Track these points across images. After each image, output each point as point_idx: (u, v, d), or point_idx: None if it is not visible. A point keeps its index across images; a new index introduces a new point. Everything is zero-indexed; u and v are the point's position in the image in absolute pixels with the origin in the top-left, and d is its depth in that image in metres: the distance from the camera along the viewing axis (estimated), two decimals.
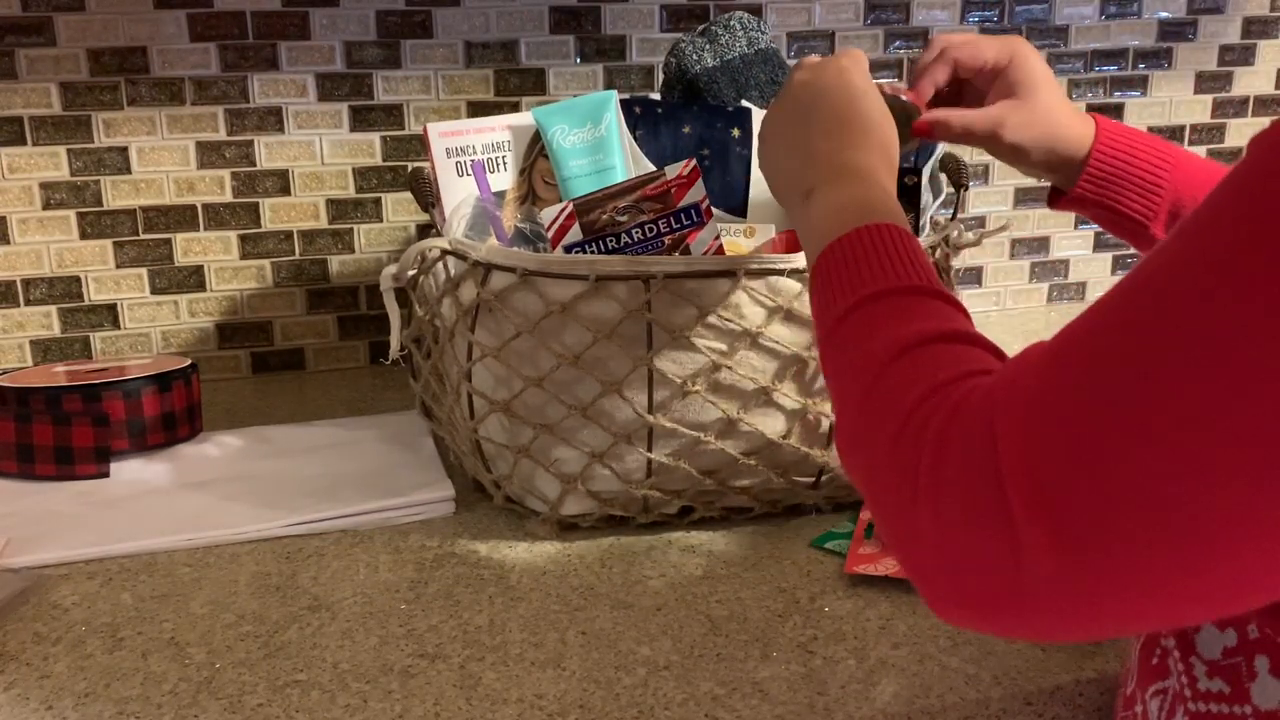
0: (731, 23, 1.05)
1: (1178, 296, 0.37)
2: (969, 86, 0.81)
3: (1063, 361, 0.41)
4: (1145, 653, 0.55)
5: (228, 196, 1.25)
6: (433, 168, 0.98)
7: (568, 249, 0.85)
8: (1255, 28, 1.50)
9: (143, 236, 1.24)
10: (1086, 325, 0.41)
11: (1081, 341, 0.41)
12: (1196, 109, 1.52)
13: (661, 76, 1.09)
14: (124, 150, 1.21)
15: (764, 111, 0.99)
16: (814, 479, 0.89)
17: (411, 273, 0.89)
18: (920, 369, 0.47)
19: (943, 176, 0.99)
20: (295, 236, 1.28)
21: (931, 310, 0.52)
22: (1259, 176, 0.37)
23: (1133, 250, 1.54)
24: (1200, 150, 1.52)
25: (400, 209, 1.30)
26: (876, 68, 1.39)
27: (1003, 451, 0.40)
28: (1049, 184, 0.83)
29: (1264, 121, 1.53)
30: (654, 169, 0.91)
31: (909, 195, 0.96)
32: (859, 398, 0.49)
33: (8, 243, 1.21)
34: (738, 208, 0.98)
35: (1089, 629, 0.41)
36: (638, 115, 0.99)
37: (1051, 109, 0.77)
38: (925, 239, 0.87)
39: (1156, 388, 0.37)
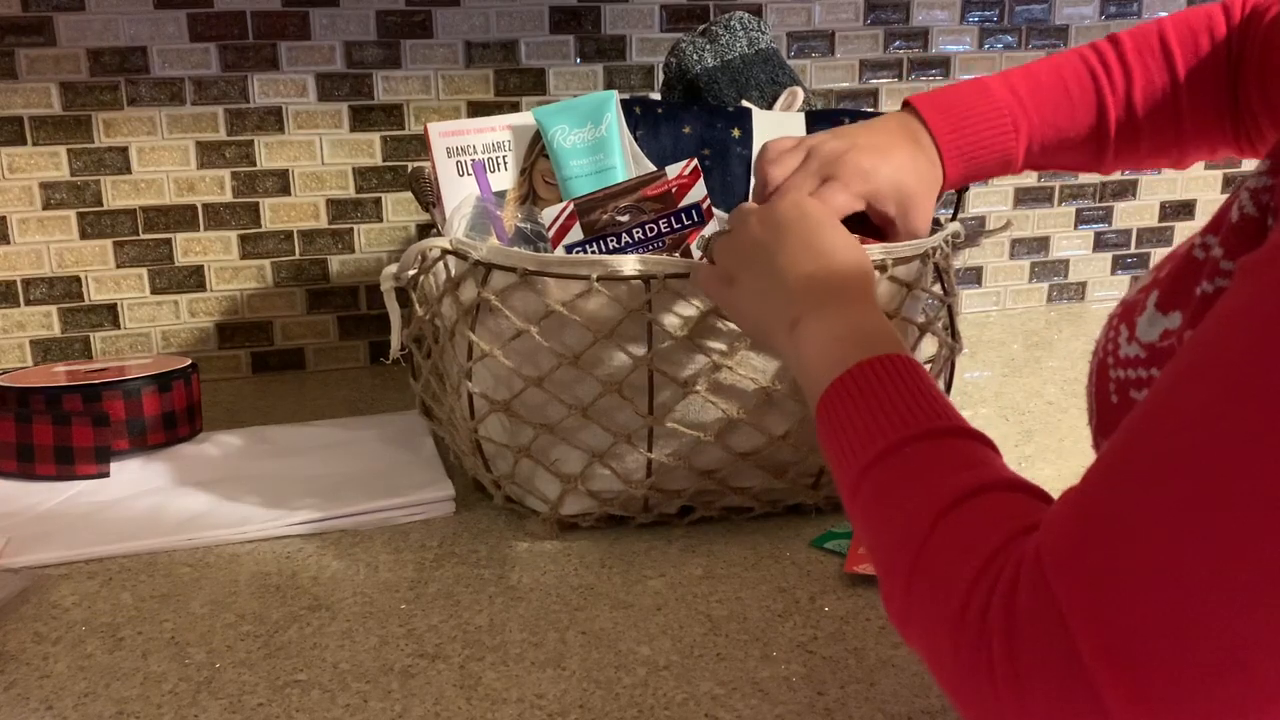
0: (731, 23, 1.05)
1: (1196, 446, 0.37)
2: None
3: (1106, 524, 0.40)
4: None
5: (228, 196, 1.25)
6: (433, 167, 0.98)
7: (568, 249, 0.86)
8: None
9: (143, 236, 1.24)
10: (1114, 482, 0.40)
11: (1120, 501, 0.40)
12: None
13: (661, 76, 1.09)
14: (124, 150, 1.21)
15: (764, 112, 1.00)
16: (814, 479, 0.89)
17: (411, 273, 0.89)
18: (964, 538, 0.46)
19: None
20: (295, 236, 1.28)
21: (962, 456, 0.50)
22: (1256, 310, 0.37)
23: (1133, 251, 1.54)
24: None
25: (400, 209, 1.30)
26: (876, 67, 1.39)
27: (1077, 634, 0.39)
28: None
29: None
30: (654, 169, 0.92)
31: None
32: (906, 570, 0.48)
33: (8, 243, 1.21)
34: None
35: None
36: (638, 115, 0.99)
37: (908, 193, 0.80)
38: (924, 238, 0.87)
39: (1215, 546, 0.36)
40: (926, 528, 0.47)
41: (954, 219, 0.94)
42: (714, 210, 0.87)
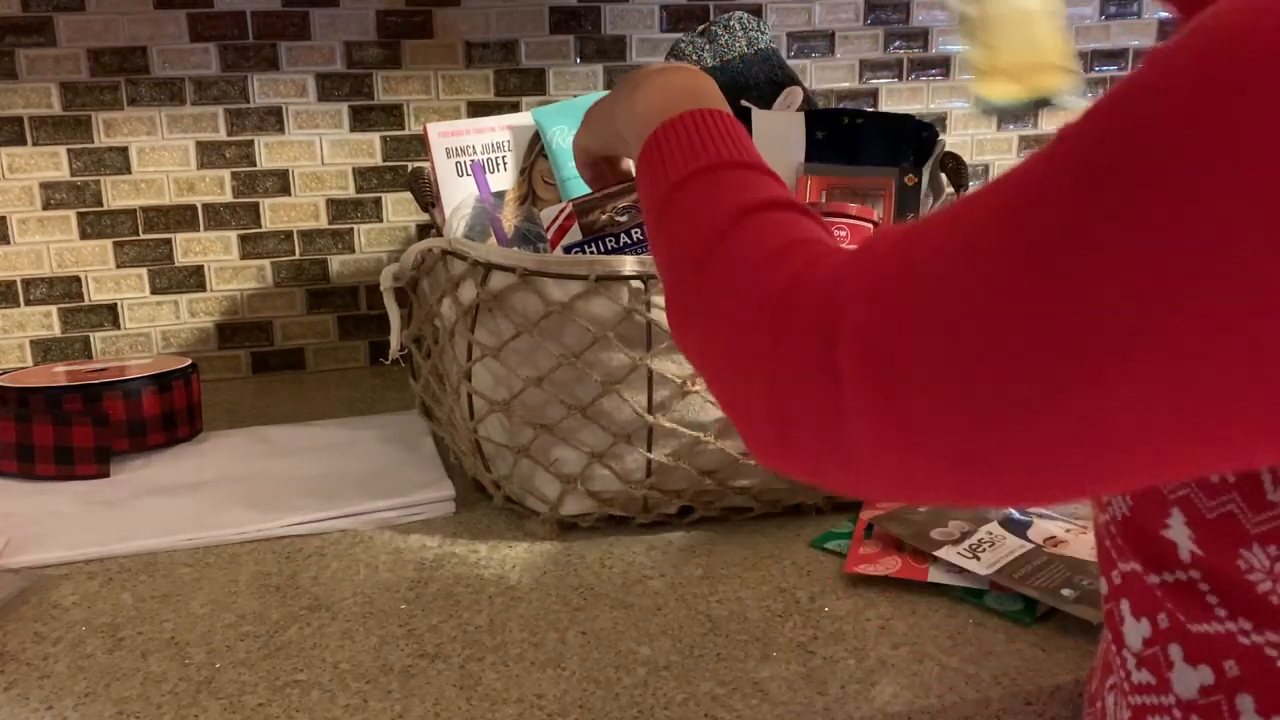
0: (731, 23, 1.05)
1: (1024, 200, 0.39)
2: None
3: (915, 243, 0.42)
4: (1104, 650, 0.56)
5: (228, 196, 1.25)
6: (433, 168, 0.98)
7: (567, 249, 0.86)
8: None
9: (143, 236, 1.24)
10: (943, 216, 0.43)
11: (936, 228, 0.42)
12: None
13: None
14: (124, 150, 1.21)
15: (764, 111, 1.00)
16: None
17: (411, 273, 0.89)
18: (759, 235, 0.49)
19: (943, 176, 0.99)
20: (295, 236, 1.28)
21: (761, 184, 0.54)
22: (1132, 94, 0.38)
23: None
24: None
25: (400, 209, 1.30)
26: (876, 67, 1.39)
27: (843, 318, 0.42)
28: None
29: None
30: None
31: (908, 196, 0.96)
32: (694, 267, 0.51)
33: (8, 243, 1.21)
34: None
35: (903, 487, 0.43)
36: None
37: None
38: None
39: (986, 277, 0.38)
40: (723, 229, 0.51)
41: None
42: None
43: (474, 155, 0.99)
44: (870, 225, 0.89)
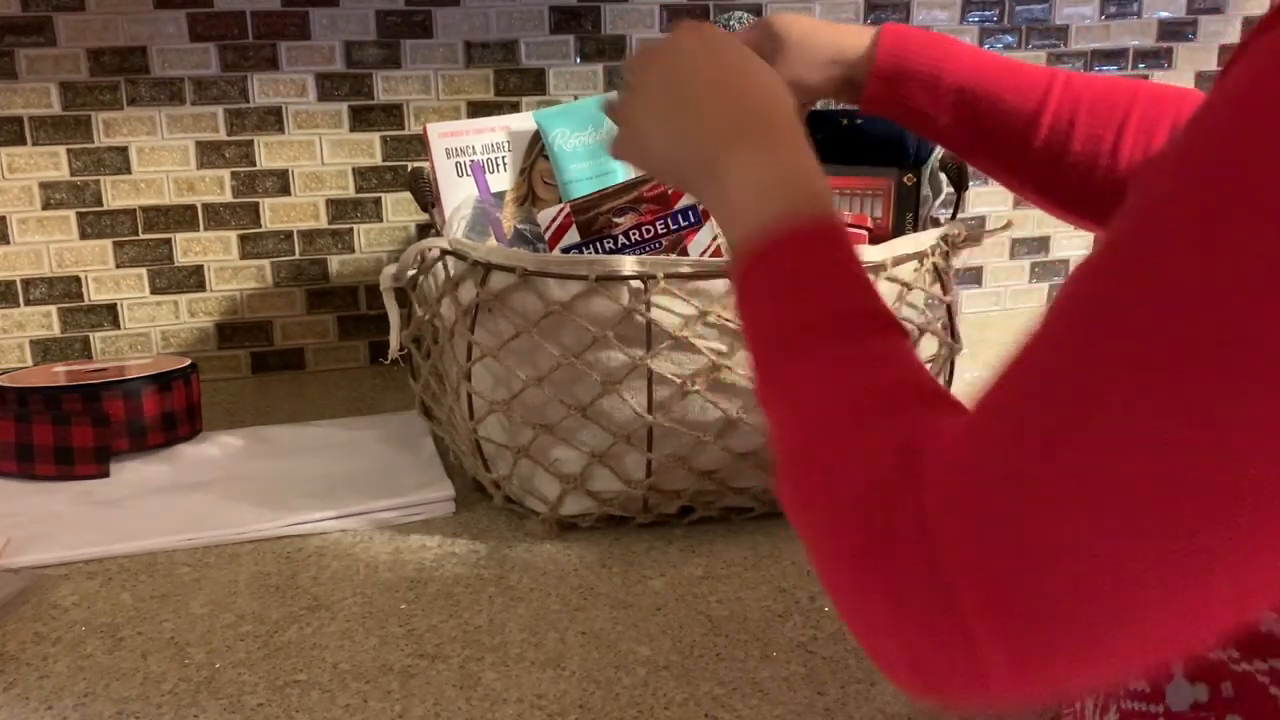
0: (731, 23, 1.05)
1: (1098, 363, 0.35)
2: None
3: (991, 439, 0.37)
4: None
5: (228, 196, 1.25)
6: (432, 168, 0.98)
7: (565, 250, 0.86)
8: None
9: (143, 236, 1.24)
10: (1007, 389, 0.38)
11: (1005, 412, 0.38)
12: None
13: None
14: (124, 150, 1.21)
15: None
16: None
17: (411, 273, 0.89)
18: (860, 442, 0.43)
19: (943, 176, 0.99)
20: (295, 236, 1.28)
21: (877, 353, 0.48)
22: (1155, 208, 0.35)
23: None
24: None
25: (400, 209, 1.30)
26: None
27: (945, 544, 0.37)
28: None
29: None
30: None
31: (908, 195, 0.96)
32: (802, 458, 0.47)
33: (8, 243, 1.21)
34: None
35: (1052, 698, 0.43)
36: None
37: (819, 25, 0.81)
38: (926, 237, 0.87)
39: (1078, 462, 0.34)
40: (827, 422, 0.46)
41: (954, 219, 0.94)
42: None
43: (474, 155, 0.99)
44: (864, 232, 0.90)
